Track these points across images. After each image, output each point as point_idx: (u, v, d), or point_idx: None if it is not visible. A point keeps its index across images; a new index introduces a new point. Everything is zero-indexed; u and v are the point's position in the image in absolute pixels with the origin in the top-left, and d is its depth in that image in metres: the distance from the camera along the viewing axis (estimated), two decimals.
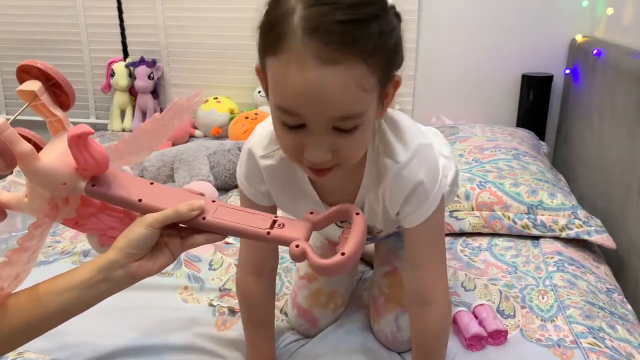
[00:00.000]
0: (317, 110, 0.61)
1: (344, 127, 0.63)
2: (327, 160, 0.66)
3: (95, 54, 2.56)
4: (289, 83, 0.60)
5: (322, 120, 0.62)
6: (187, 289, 1.17)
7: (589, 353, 0.93)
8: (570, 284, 1.14)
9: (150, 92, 2.46)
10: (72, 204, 0.71)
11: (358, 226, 0.65)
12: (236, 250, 1.37)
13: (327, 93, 0.59)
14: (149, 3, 2.43)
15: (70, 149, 0.63)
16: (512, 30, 2.15)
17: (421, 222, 0.79)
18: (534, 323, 1.04)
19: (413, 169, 0.76)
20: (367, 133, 0.68)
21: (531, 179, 1.49)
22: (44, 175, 0.65)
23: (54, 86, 0.69)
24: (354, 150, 0.68)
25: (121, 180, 0.69)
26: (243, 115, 2.26)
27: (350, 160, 0.69)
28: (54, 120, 0.70)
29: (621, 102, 1.47)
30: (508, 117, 2.23)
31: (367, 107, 0.63)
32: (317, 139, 0.64)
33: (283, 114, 0.63)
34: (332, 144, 0.64)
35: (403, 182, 0.76)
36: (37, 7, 2.53)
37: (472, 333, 0.97)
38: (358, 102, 0.62)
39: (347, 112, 0.62)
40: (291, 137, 0.65)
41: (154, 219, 0.64)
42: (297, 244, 0.63)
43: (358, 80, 0.60)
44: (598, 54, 1.70)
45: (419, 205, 0.78)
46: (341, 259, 0.61)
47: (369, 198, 0.82)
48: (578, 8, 2.07)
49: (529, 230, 1.38)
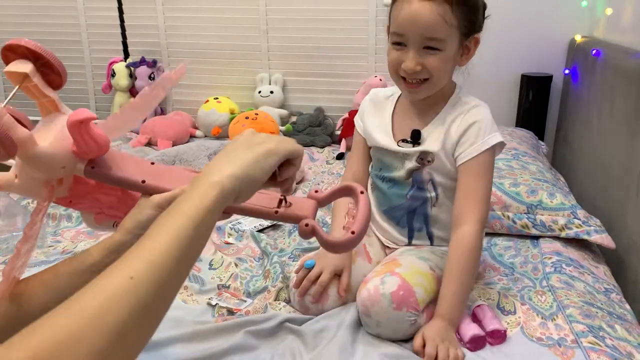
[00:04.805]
0: (414, 30, 0.97)
1: (431, 45, 0.98)
2: (416, 72, 0.99)
3: (95, 54, 2.57)
4: (400, 13, 0.98)
5: (417, 38, 0.98)
6: (187, 289, 1.17)
7: (590, 352, 0.93)
8: (568, 286, 1.14)
9: None
10: (65, 184, 0.70)
11: (363, 204, 0.69)
12: (236, 249, 1.38)
13: (422, 18, 0.96)
14: (149, 3, 2.44)
15: (72, 134, 0.62)
16: (511, 30, 2.15)
17: (473, 157, 1.04)
18: (534, 320, 1.04)
19: (478, 111, 1.07)
20: (447, 61, 1.01)
21: (531, 178, 1.49)
22: (42, 160, 0.63)
23: (43, 65, 0.66)
24: (436, 68, 0.99)
25: (120, 160, 0.68)
26: (243, 115, 2.26)
27: (435, 77, 1.01)
28: (46, 101, 0.67)
29: (620, 102, 1.47)
30: (507, 117, 2.24)
31: (447, 37, 0.98)
32: (411, 54, 0.99)
33: (394, 36, 1.01)
34: (422, 59, 0.99)
35: (469, 116, 1.06)
36: (37, 7, 2.54)
37: (469, 337, 0.97)
38: (442, 29, 0.97)
39: (433, 33, 0.97)
40: (396, 53, 1.01)
41: (162, 199, 0.65)
42: (306, 222, 0.66)
43: (442, 14, 0.96)
44: (597, 54, 1.70)
45: (476, 138, 1.04)
46: (350, 237, 0.66)
47: (431, 134, 1.08)
48: (577, 8, 2.08)
49: (529, 230, 1.38)
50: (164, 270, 0.49)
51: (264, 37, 2.36)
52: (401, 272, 1.00)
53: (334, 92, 2.38)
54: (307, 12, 2.32)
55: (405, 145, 1.11)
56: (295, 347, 0.97)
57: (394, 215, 1.17)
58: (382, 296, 0.96)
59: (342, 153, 2.11)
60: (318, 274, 1.06)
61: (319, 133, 2.27)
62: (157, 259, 0.50)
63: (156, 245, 0.51)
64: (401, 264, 1.04)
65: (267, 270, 1.24)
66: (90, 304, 0.45)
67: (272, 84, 2.39)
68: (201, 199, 0.55)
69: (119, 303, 0.45)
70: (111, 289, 0.47)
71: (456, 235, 1.03)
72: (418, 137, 1.09)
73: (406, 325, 0.97)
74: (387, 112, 1.15)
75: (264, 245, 1.38)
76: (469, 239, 1.01)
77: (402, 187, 1.13)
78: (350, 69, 2.35)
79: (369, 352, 0.95)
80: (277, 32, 2.36)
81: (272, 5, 2.33)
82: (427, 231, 1.16)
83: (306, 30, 2.34)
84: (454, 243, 1.03)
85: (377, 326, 0.98)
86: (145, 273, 0.48)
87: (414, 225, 1.16)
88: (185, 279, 0.55)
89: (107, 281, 0.48)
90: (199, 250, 0.56)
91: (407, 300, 0.96)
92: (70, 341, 0.42)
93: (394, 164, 1.13)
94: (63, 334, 0.42)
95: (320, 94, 2.40)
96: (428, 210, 1.14)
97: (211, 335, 0.99)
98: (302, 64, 2.39)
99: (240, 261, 1.31)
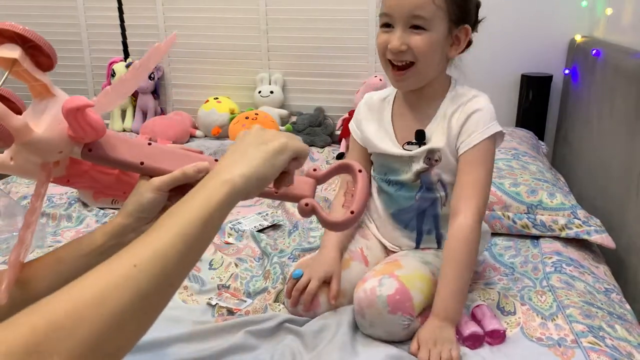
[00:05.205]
0: (401, 9, 0.97)
1: (417, 23, 0.97)
2: (402, 51, 0.99)
3: (95, 54, 2.57)
4: None
5: (403, 17, 0.98)
6: (187, 289, 1.17)
7: (590, 352, 0.93)
8: (568, 285, 1.14)
9: (151, 92, 2.47)
10: (62, 164, 0.69)
11: (362, 183, 0.71)
12: (236, 249, 1.38)
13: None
14: (149, 3, 2.44)
15: (68, 120, 0.62)
16: (511, 30, 2.15)
17: (474, 145, 1.02)
18: (534, 321, 1.04)
19: (478, 100, 1.05)
20: (433, 44, 0.99)
21: (531, 178, 1.49)
22: (39, 146, 0.63)
23: (32, 48, 0.64)
24: (421, 49, 0.98)
25: (118, 142, 0.68)
26: (243, 115, 2.26)
27: (421, 61, 1.00)
28: (37, 84, 0.66)
29: (620, 102, 1.47)
30: (507, 117, 2.24)
31: (434, 17, 0.97)
32: (397, 34, 0.99)
33: (382, 17, 1.01)
34: (407, 39, 0.98)
35: (469, 106, 1.05)
36: (37, 7, 2.54)
37: (467, 334, 0.97)
38: (428, 7, 0.96)
39: (419, 11, 0.96)
40: (384, 36, 1.01)
41: (162, 182, 0.66)
42: (306, 202, 0.68)
43: None
44: (597, 54, 1.70)
45: (476, 127, 1.03)
46: (350, 217, 0.68)
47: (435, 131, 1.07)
48: (577, 8, 2.08)
49: (529, 230, 1.38)
50: (168, 262, 0.50)
51: (264, 37, 2.36)
52: (400, 275, 0.99)
53: (334, 92, 2.38)
54: (307, 12, 2.32)
55: (411, 147, 1.09)
56: (295, 347, 0.96)
57: (403, 218, 1.15)
58: (377, 298, 0.95)
59: (342, 153, 2.12)
60: (306, 283, 1.05)
61: (319, 133, 2.27)
62: (162, 250, 0.50)
63: (162, 237, 0.51)
64: (402, 266, 1.03)
65: (267, 271, 1.24)
66: (92, 289, 0.45)
67: (272, 84, 2.39)
68: (211, 195, 0.56)
69: (120, 289, 0.46)
70: (114, 275, 0.47)
71: (452, 226, 1.00)
72: (423, 136, 1.07)
73: (399, 329, 0.97)
74: (385, 117, 1.13)
75: (264, 246, 1.38)
76: (465, 230, 0.98)
77: (410, 189, 1.11)
78: (350, 69, 2.34)
79: (370, 353, 0.95)
80: (277, 32, 2.36)
81: (272, 5, 2.33)
82: (437, 233, 1.14)
83: (306, 30, 2.34)
84: (450, 234, 1.01)
85: (370, 326, 0.98)
86: (149, 263, 0.48)
87: (424, 227, 1.14)
88: (188, 273, 0.55)
89: (110, 267, 0.48)
90: (204, 246, 0.56)
91: (403, 305, 0.95)
92: (69, 322, 0.42)
93: (401, 168, 1.11)
94: (62, 315, 0.43)
95: (320, 94, 2.40)
96: (438, 210, 1.12)
97: (211, 335, 0.99)
98: (302, 64, 2.39)
99: (240, 261, 1.31)
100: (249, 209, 1.64)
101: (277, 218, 1.57)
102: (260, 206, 1.67)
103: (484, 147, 1.02)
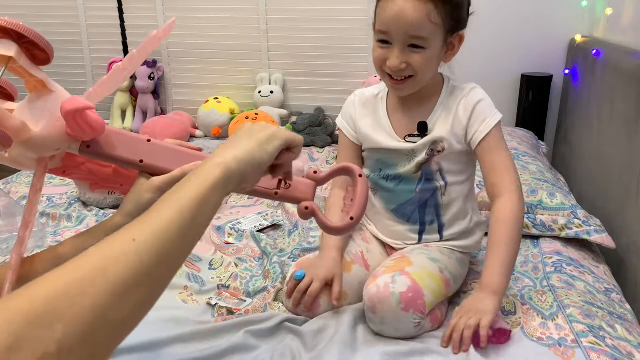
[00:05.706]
0: (399, 29, 0.97)
1: (416, 43, 0.97)
2: (401, 69, 1.00)
3: (95, 54, 2.57)
4: (385, 11, 0.97)
5: (401, 37, 0.97)
6: (187, 289, 1.17)
7: (590, 352, 0.93)
8: (568, 285, 1.14)
9: (151, 92, 2.47)
10: (58, 157, 0.69)
11: (362, 188, 0.72)
12: (236, 249, 1.38)
13: (406, 16, 0.95)
14: (149, 3, 2.44)
15: (67, 121, 0.62)
16: (511, 30, 2.15)
17: (488, 133, 1.05)
18: (534, 320, 1.04)
19: (477, 92, 1.09)
20: (432, 59, 1.01)
21: (531, 178, 1.49)
22: (36, 144, 0.63)
23: (28, 43, 0.65)
24: (421, 66, 1.00)
25: (117, 139, 0.68)
26: (243, 115, 2.26)
27: (420, 74, 1.01)
28: (33, 80, 0.66)
29: (620, 102, 1.47)
30: (507, 117, 2.24)
31: (432, 35, 0.97)
32: (396, 52, 0.99)
33: (379, 33, 1.00)
34: (406, 57, 0.99)
35: (471, 98, 1.08)
36: (37, 7, 2.54)
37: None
38: (426, 28, 0.96)
39: (418, 32, 0.96)
40: (381, 51, 1.01)
41: (162, 182, 0.66)
42: (306, 205, 0.69)
43: (427, 13, 0.95)
44: (597, 54, 1.70)
45: (485, 115, 1.06)
46: (349, 223, 0.70)
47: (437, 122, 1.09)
48: (577, 8, 2.08)
49: (529, 229, 1.38)
50: (167, 238, 0.50)
51: (264, 37, 2.36)
52: (412, 273, 0.99)
53: (334, 92, 2.37)
54: (307, 12, 2.32)
55: (414, 139, 1.10)
56: (295, 347, 0.96)
57: (405, 211, 1.16)
58: (391, 295, 0.96)
59: None
60: (308, 285, 1.05)
61: (319, 133, 2.27)
62: (160, 228, 0.51)
63: (161, 215, 0.52)
64: (412, 263, 1.04)
65: (267, 271, 1.24)
66: (92, 261, 0.46)
67: (272, 84, 2.39)
68: (205, 177, 0.58)
69: (120, 262, 0.46)
70: (113, 249, 0.47)
71: (496, 206, 1.03)
72: (425, 128, 1.09)
73: (410, 327, 0.97)
74: (380, 112, 1.14)
75: (263, 245, 1.38)
76: (512, 207, 1.02)
77: (410, 182, 1.13)
78: (350, 69, 2.35)
79: (369, 352, 0.95)
80: (277, 32, 2.36)
81: (272, 5, 2.33)
82: (439, 223, 1.15)
83: (306, 30, 2.34)
84: (495, 215, 1.03)
85: (381, 323, 0.98)
86: (147, 238, 0.49)
87: (426, 218, 1.15)
88: (188, 253, 0.56)
89: (109, 242, 0.48)
90: (203, 226, 0.57)
91: (415, 303, 0.96)
92: (69, 294, 0.42)
93: (399, 161, 1.12)
94: (62, 286, 0.43)
95: (320, 94, 2.40)
96: (439, 199, 1.13)
97: (211, 335, 0.99)
98: (302, 64, 2.39)
99: (240, 261, 1.31)
100: (249, 209, 1.64)
101: (277, 218, 1.57)
102: (260, 206, 1.67)
103: (496, 133, 1.07)
